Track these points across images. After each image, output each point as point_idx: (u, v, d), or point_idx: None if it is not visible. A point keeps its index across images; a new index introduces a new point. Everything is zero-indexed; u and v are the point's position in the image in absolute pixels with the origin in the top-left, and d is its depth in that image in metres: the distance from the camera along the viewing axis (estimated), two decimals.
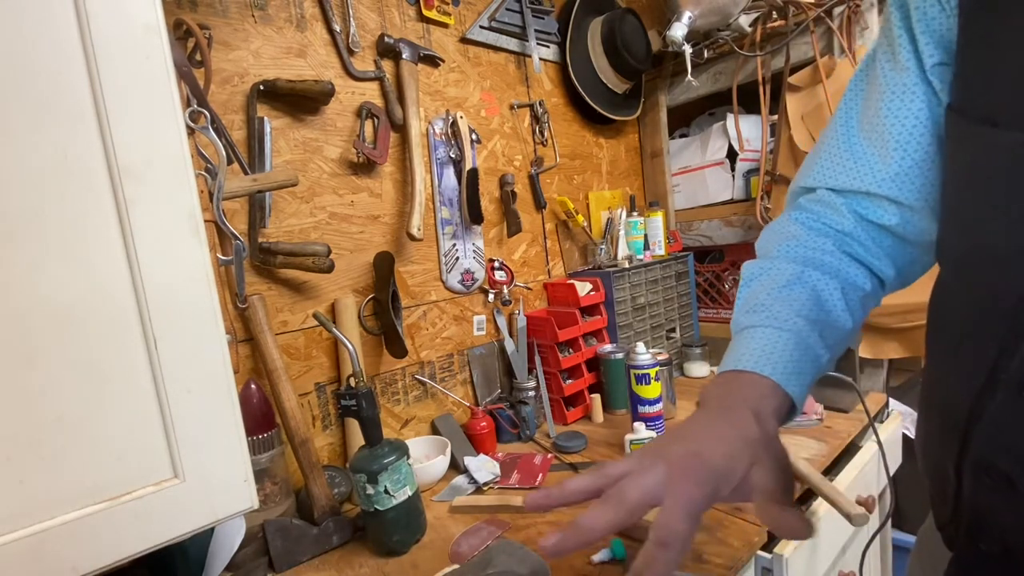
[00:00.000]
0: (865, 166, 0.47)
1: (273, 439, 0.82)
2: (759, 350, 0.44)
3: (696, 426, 0.41)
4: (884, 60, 0.46)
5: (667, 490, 0.36)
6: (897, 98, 0.44)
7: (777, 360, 0.43)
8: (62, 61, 0.39)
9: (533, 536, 0.77)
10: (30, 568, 0.39)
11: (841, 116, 0.50)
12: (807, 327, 0.44)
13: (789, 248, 0.51)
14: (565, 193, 1.39)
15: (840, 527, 0.79)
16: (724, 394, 0.43)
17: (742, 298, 0.51)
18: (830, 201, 0.50)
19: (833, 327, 0.46)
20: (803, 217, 0.52)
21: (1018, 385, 0.34)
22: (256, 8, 0.87)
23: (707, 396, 0.44)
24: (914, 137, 0.44)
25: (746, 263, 0.53)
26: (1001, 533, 0.37)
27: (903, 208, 0.46)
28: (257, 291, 0.87)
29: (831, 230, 0.50)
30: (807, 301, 0.46)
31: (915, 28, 0.42)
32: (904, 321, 1.11)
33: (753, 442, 0.38)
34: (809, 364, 0.44)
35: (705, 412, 0.42)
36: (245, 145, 0.87)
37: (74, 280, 0.40)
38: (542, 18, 1.30)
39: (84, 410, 0.41)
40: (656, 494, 0.36)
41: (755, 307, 0.47)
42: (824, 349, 0.45)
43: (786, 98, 1.24)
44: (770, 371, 0.42)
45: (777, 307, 0.46)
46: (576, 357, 1.19)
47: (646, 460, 0.38)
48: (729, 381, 0.44)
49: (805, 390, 0.44)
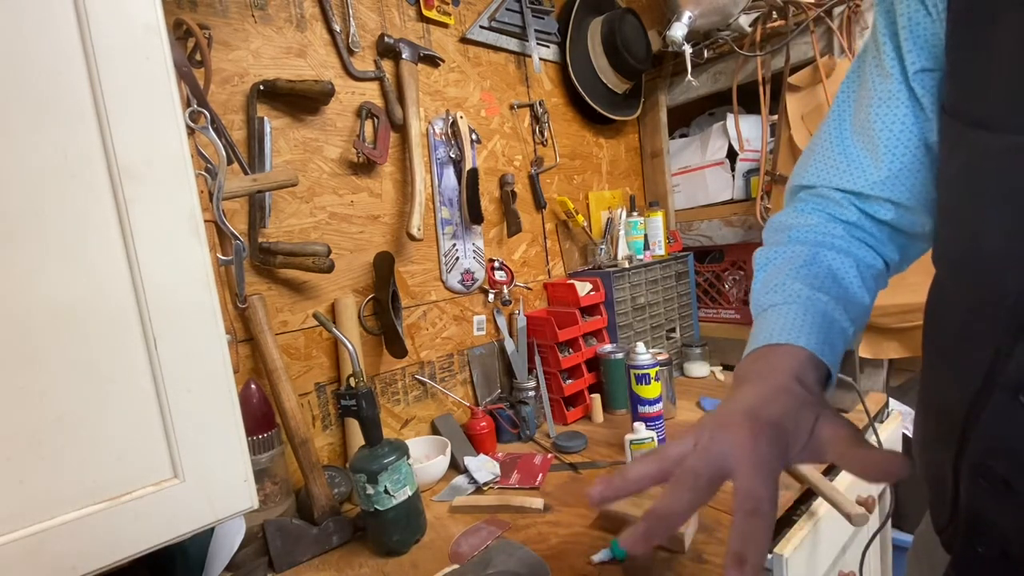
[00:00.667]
0: (858, 168, 0.48)
1: (273, 439, 0.82)
2: (789, 324, 0.43)
3: (745, 395, 0.38)
4: (872, 65, 0.46)
5: (738, 457, 0.33)
6: (884, 104, 0.45)
7: (809, 331, 0.42)
8: (62, 61, 0.39)
9: (533, 536, 0.77)
10: (30, 568, 0.39)
11: (834, 117, 0.51)
12: (830, 301, 0.44)
13: (800, 233, 0.51)
14: (565, 193, 1.39)
15: (840, 527, 0.79)
16: (762, 368, 0.41)
17: (759, 281, 0.50)
18: (832, 196, 0.50)
19: (852, 302, 0.46)
20: (809, 207, 0.52)
21: (1014, 388, 0.34)
22: (256, 8, 0.87)
23: (744, 372, 0.43)
24: (901, 142, 0.45)
25: (757, 251, 0.53)
26: (999, 536, 0.37)
27: (898, 206, 0.47)
28: (257, 291, 0.87)
29: (838, 220, 0.51)
30: (825, 278, 0.46)
31: (900, 34, 0.42)
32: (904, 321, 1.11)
33: (811, 402, 0.36)
34: (837, 335, 0.43)
35: (748, 385, 0.40)
36: (245, 145, 0.87)
37: (74, 280, 0.40)
38: (542, 18, 1.30)
39: (84, 410, 0.41)
40: (727, 465, 0.33)
41: (775, 287, 0.47)
42: (848, 322, 0.45)
43: (786, 98, 1.24)
44: (804, 341, 0.41)
45: (797, 286, 0.46)
46: (576, 357, 1.19)
47: (704, 433, 0.36)
48: (764, 355, 0.42)
49: (838, 360, 0.43)
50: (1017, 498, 0.35)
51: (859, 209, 0.49)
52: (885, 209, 0.48)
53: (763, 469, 0.32)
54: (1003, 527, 0.36)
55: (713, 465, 0.34)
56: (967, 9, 0.36)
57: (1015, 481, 0.34)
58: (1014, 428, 0.34)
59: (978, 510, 0.38)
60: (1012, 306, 0.33)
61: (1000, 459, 0.35)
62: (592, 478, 0.93)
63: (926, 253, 0.52)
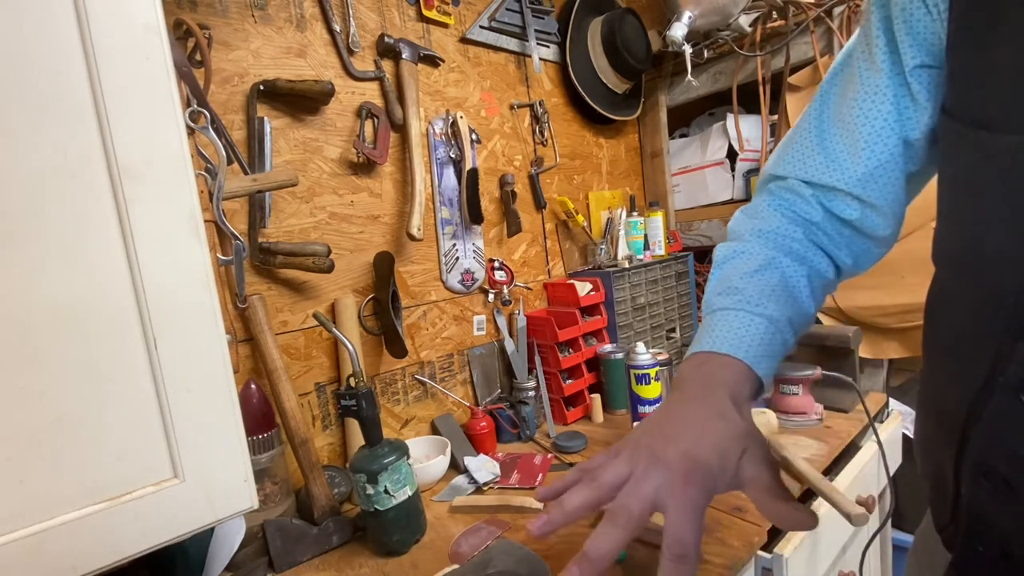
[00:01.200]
0: (835, 163, 0.48)
1: (273, 439, 0.82)
2: (733, 333, 0.46)
3: (680, 417, 0.41)
4: (861, 59, 0.46)
5: (669, 499, 0.36)
6: (869, 99, 0.45)
7: (750, 344, 0.45)
8: (62, 61, 0.39)
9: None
10: (30, 568, 0.39)
11: (815, 109, 0.51)
12: (777, 312, 0.46)
13: (761, 233, 0.52)
14: (565, 193, 1.39)
15: (840, 527, 0.79)
16: (701, 377, 0.45)
17: (715, 279, 0.52)
18: (800, 191, 0.51)
19: (799, 312, 0.48)
20: (775, 203, 0.53)
21: (1015, 388, 0.34)
22: (256, 8, 0.87)
23: (684, 378, 0.46)
24: (881, 138, 0.45)
25: (719, 245, 0.55)
26: (1000, 536, 0.37)
27: (865, 205, 0.48)
28: (257, 291, 0.87)
29: (800, 219, 0.51)
30: (777, 286, 0.48)
31: (897, 30, 0.42)
32: (904, 321, 1.12)
33: (739, 434, 0.39)
34: (779, 347, 0.46)
35: (685, 398, 0.43)
36: (245, 145, 0.87)
37: (74, 280, 0.40)
38: (542, 18, 1.30)
39: (84, 410, 0.41)
40: (659, 502, 0.36)
41: (728, 289, 0.49)
42: (791, 334, 0.48)
43: (786, 98, 1.25)
44: (743, 354, 0.44)
45: (750, 291, 0.48)
46: (576, 357, 1.19)
47: (638, 464, 0.38)
48: (704, 363, 0.46)
49: (773, 372, 0.46)
50: (1018, 498, 0.34)
51: (824, 208, 0.50)
52: (851, 207, 0.48)
53: (692, 514, 0.35)
54: (1004, 527, 0.36)
55: (646, 503, 0.36)
56: (969, 10, 0.36)
57: (1016, 481, 0.34)
58: (1015, 428, 0.34)
59: (979, 510, 0.38)
60: (1012, 306, 0.33)
61: (1001, 459, 0.35)
62: None
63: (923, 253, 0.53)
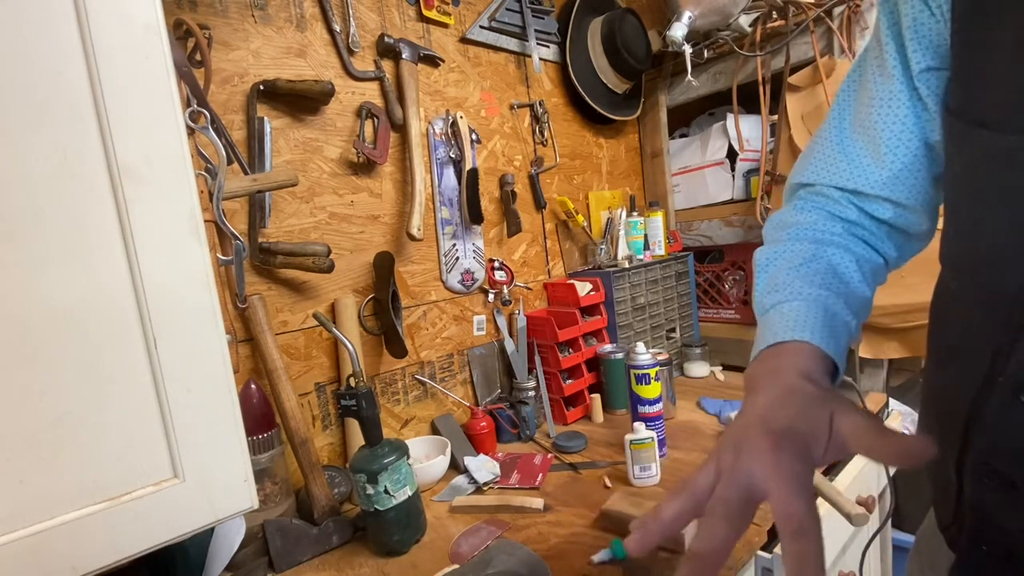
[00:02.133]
0: (859, 168, 0.48)
1: (273, 439, 0.82)
2: (792, 321, 0.43)
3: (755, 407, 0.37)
4: (874, 66, 0.46)
5: (765, 475, 0.32)
6: (885, 104, 0.45)
7: (812, 326, 0.42)
8: (62, 61, 0.39)
9: (533, 536, 0.77)
10: (30, 568, 0.39)
11: (835, 117, 0.51)
12: (831, 296, 0.44)
13: (800, 231, 0.51)
14: (565, 193, 1.38)
15: (840, 527, 0.79)
16: (767, 371, 0.41)
17: (762, 282, 0.50)
18: (831, 195, 0.51)
19: (854, 296, 0.46)
20: (808, 206, 0.52)
21: (1014, 388, 0.34)
22: (256, 8, 0.87)
23: (753, 376, 0.42)
24: (903, 142, 0.45)
25: (757, 250, 0.53)
26: (1003, 535, 0.37)
27: (897, 206, 0.47)
28: (257, 291, 0.87)
29: (837, 218, 0.51)
30: (826, 274, 0.46)
31: (904, 34, 0.42)
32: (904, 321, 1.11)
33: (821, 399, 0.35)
34: (841, 329, 0.43)
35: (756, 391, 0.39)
36: (245, 145, 0.87)
37: (74, 280, 0.40)
38: (542, 18, 1.30)
39: (84, 410, 0.41)
40: (756, 486, 0.32)
41: (777, 287, 0.47)
42: (851, 316, 0.45)
43: (786, 98, 1.24)
44: (809, 336, 0.41)
45: (799, 283, 0.46)
46: (576, 357, 1.19)
47: (725, 456, 0.35)
48: (767, 358, 0.42)
49: (844, 352, 0.43)
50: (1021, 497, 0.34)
51: (858, 208, 0.49)
52: (884, 208, 0.48)
53: (794, 483, 0.31)
54: (1007, 526, 0.36)
55: (742, 489, 0.32)
56: (969, 10, 0.36)
57: (1018, 480, 0.34)
58: (1016, 428, 0.34)
59: (982, 509, 0.38)
60: (1011, 305, 0.33)
61: (1003, 458, 0.35)
62: (592, 478, 0.93)
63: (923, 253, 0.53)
